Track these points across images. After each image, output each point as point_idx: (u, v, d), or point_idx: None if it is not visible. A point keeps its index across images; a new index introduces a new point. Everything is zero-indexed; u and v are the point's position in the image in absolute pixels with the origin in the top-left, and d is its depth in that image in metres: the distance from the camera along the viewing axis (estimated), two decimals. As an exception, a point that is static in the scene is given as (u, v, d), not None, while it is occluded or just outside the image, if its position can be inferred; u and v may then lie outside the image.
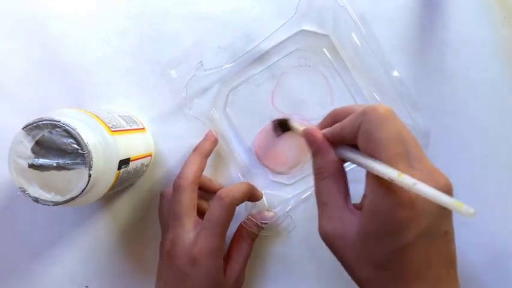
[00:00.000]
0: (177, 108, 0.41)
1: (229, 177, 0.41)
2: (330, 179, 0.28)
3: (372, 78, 0.39)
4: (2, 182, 0.40)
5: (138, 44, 0.41)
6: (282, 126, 0.37)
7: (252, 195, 0.38)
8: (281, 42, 0.40)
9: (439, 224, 0.25)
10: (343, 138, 0.28)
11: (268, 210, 0.39)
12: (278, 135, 0.38)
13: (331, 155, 0.28)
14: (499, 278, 0.40)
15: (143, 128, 0.39)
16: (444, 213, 0.25)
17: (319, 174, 0.28)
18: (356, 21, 0.36)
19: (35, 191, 0.29)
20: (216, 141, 0.39)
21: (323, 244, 0.40)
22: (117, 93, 0.41)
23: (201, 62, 0.38)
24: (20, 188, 0.29)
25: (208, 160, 0.39)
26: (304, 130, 0.30)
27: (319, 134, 0.29)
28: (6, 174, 0.29)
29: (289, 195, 0.40)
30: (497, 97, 0.40)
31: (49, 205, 0.29)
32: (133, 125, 0.37)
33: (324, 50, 0.40)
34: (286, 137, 0.40)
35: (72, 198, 0.29)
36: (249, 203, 0.39)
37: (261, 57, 0.40)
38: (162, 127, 0.41)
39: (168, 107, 0.41)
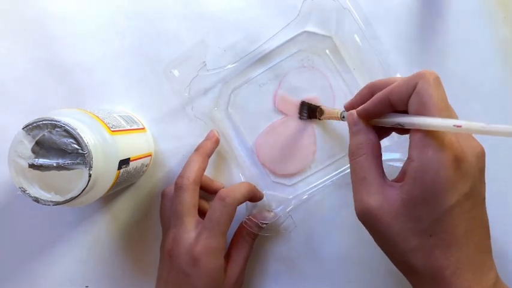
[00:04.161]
0: (177, 108, 0.41)
1: (231, 177, 0.41)
2: (369, 155, 0.28)
3: (374, 80, 0.39)
4: (2, 182, 0.40)
5: (138, 44, 0.41)
6: (309, 111, 0.39)
7: (253, 196, 0.38)
8: (284, 43, 0.40)
9: (480, 189, 0.26)
10: (386, 105, 0.28)
11: (268, 211, 0.39)
12: (302, 118, 0.40)
13: (372, 133, 0.29)
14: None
15: (143, 128, 0.39)
16: (483, 179, 0.26)
17: (358, 151, 0.29)
18: (359, 23, 0.36)
19: (35, 191, 0.29)
20: (217, 141, 0.39)
21: (323, 244, 0.40)
22: (117, 93, 0.41)
23: (204, 62, 0.38)
24: (20, 188, 0.29)
25: (209, 160, 0.39)
26: (348, 113, 0.30)
27: (358, 115, 0.30)
28: (6, 174, 0.29)
29: (290, 196, 0.40)
30: (497, 97, 0.40)
31: (49, 205, 0.29)
32: (134, 125, 0.37)
33: (327, 51, 0.40)
34: (287, 139, 0.40)
35: (72, 198, 0.29)
36: (249, 203, 0.39)
37: (263, 58, 0.40)
38: (162, 127, 0.41)
39: (168, 106, 0.41)
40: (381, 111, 0.28)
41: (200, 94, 0.40)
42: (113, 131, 0.32)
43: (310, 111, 0.39)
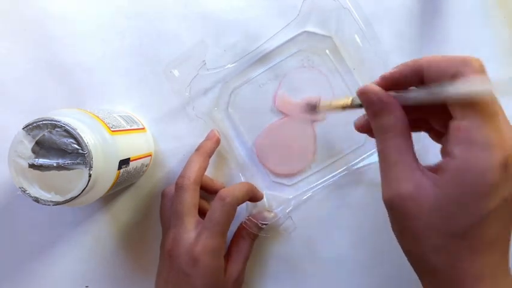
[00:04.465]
0: (177, 108, 0.41)
1: (231, 177, 0.41)
2: (399, 137, 0.25)
3: (374, 80, 0.39)
4: (2, 182, 0.40)
5: (138, 44, 0.41)
6: (310, 109, 0.36)
7: (253, 196, 0.38)
8: (284, 43, 0.40)
9: None
10: (417, 76, 0.25)
11: (268, 211, 0.39)
12: (312, 113, 0.36)
13: (399, 110, 0.25)
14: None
15: (143, 128, 0.39)
16: None
17: (386, 133, 0.25)
18: (359, 23, 0.36)
19: (35, 191, 0.29)
20: (218, 141, 0.39)
21: (323, 244, 0.40)
22: (117, 93, 0.41)
23: (204, 61, 0.38)
24: (20, 188, 0.29)
25: (209, 160, 0.39)
26: (360, 90, 0.26)
27: (379, 89, 0.25)
28: (6, 174, 0.29)
29: (290, 196, 0.40)
30: (497, 97, 0.40)
31: (49, 205, 0.29)
32: (134, 125, 0.37)
33: (327, 51, 0.40)
34: (287, 139, 0.40)
35: (72, 198, 0.29)
36: (249, 203, 0.39)
37: (263, 58, 0.40)
38: (162, 127, 0.41)
39: (168, 106, 0.41)
40: (408, 83, 0.25)
41: (200, 94, 0.40)
42: (113, 131, 0.32)
43: (309, 109, 0.38)
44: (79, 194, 0.29)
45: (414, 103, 0.25)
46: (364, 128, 0.28)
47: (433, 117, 0.27)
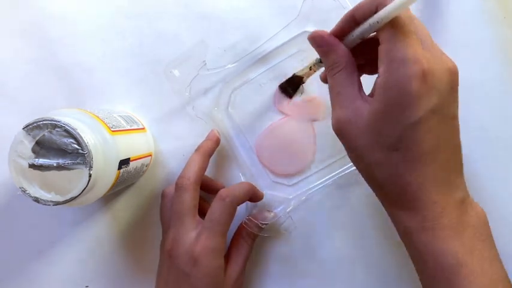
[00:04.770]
0: (177, 108, 0.41)
1: (231, 177, 0.41)
2: (343, 71, 0.28)
3: (374, 80, 0.39)
4: (2, 182, 0.40)
5: (138, 44, 0.41)
6: (290, 85, 0.39)
7: (253, 196, 0.38)
8: (284, 44, 0.40)
9: (449, 105, 0.26)
10: (351, 23, 0.28)
11: (268, 211, 0.39)
12: (291, 97, 0.40)
13: (342, 48, 0.29)
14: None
15: (143, 128, 0.39)
16: (454, 96, 0.27)
17: (333, 69, 0.29)
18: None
19: (35, 191, 0.29)
20: (218, 141, 0.39)
21: (323, 244, 0.40)
22: (117, 93, 0.41)
23: (204, 61, 0.38)
24: (20, 188, 0.29)
25: (210, 160, 0.39)
26: (310, 35, 0.30)
27: (325, 32, 0.29)
28: (6, 174, 0.29)
29: (290, 196, 0.40)
30: (497, 97, 0.40)
31: (49, 205, 0.29)
32: (134, 125, 0.37)
33: (326, 51, 0.40)
34: (287, 139, 0.40)
35: (72, 198, 0.29)
36: (249, 203, 0.39)
37: (263, 58, 0.40)
38: (163, 127, 0.41)
39: (169, 106, 0.41)
40: (347, 29, 0.29)
41: (200, 94, 0.40)
42: (113, 131, 0.32)
43: (292, 84, 0.39)
44: (79, 194, 0.29)
45: (355, 41, 0.29)
46: (326, 78, 0.31)
47: (372, 54, 0.30)
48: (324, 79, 0.33)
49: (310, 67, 0.36)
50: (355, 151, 0.28)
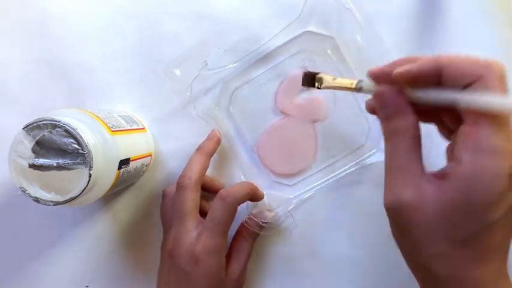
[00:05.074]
0: (177, 108, 0.41)
1: (231, 176, 0.41)
2: (409, 141, 0.25)
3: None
4: (2, 182, 0.40)
5: (138, 44, 0.41)
6: (309, 80, 0.34)
7: (254, 195, 0.38)
8: (285, 43, 0.40)
9: None
10: (435, 76, 0.24)
11: (269, 210, 0.39)
12: (302, 88, 0.35)
13: (412, 115, 0.25)
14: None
15: (143, 128, 0.39)
16: None
17: (395, 137, 0.25)
18: (361, 23, 0.36)
19: (35, 191, 0.29)
20: (219, 141, 0.39)
21: (323, 244, 0.40)
22: (117, 93, 0.41)
23: (205, 61, 0.38)
24: (20, 188, 0.29)
25: (210, 159, 0.39)
26: (376, 92, 0.26)
27: (394, 91, 0.25)
28: (6, 174, 0.29)
29: (290, 195, 0.40)
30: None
31: (49, 205, 0.29)
32: (134, 125, 0.37)
33: (328, 51, 0.40)
34: (288, 139, 0.40)
35: (72, 198, 0.29)
36: (250, 202, 0.39)
37: (265, 58, 0.40)
38: (163, 127, 0.41)
39: (169, 106, 0.41)
40: (425, 80, 0.24)
41: (201, 94, 0.40)
42: (113, 131, 0.32)
43: (308, 80, 0.35)
44: (79, 194, 0.29)
45: (427, 103, 0.24)
46: (375, 111, 0.27)
47: (445, 112, 0.27)
48: (372, 111, 0.28)
49: (360, 88, 0.28)
50: (412, 238, 0.24)
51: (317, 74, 0.33)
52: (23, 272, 0.41)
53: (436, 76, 0.23)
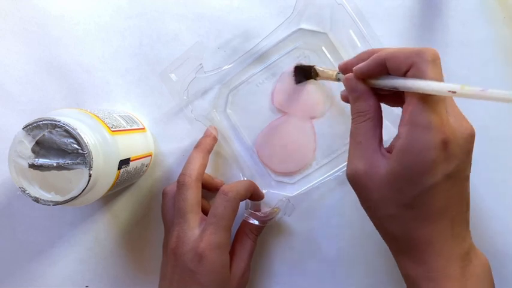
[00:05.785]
0: (177, 108, 0.41)
1: (232, 177, 0.41)
2: (369, 122, 0.29)
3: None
4: (2, 182, 0.40)
5: (138, 44, 0.41)
6: (304, 73, 0.39)
7: (254, 193, 0.38)
8: (280, 41, 0.40)
9: (464, 169, 0.28)
10: (382, 68, 0.28)
11: (269, 206, 0.39)
12: (297, 83, 0.40)
13: (374, 100, 0.29)
14: (499, 280, 0.39)
15: (143, 128, 0.39)
16: (469, 159, 0.28)
17: (359, 117, 0.29)
18: (354, 19, 0.36)
19: (35, 191, 0.29)
20: (215, 138, 0.39)
21: (324, 242, 0.40)
22: (117, 93, 0.41)
23: (201, 64, 0.38)
24: (20, 188, 0.29)
25: (210, 161, 0.39)
26: (345, 78, 0.30)
27: (359, 80, 0.30)
28: (6, 174, 0.29)
29: (291, 194, 0.40)
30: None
31: (49, 205, 0.29)
32: (134, 125, 0.37)
33: (323, 48, 0.40)
34: (287, 137, 0.40)
35: (72, 198, 0.29)
36: (250, 202, 0.39)
37: (260, 57, 0.40)
38: (162, 127, 0.41)
39: (168, 107, 0.41)
40: (376, 73, 0.29)
41: (198, 96, 0.40)
42: (113, 131, 0.32)
43: (305, 73, 0.39)
44: (79, 194, 0.29)
45: (383, 89, 0.29)
46: (347, 99, 0.32)
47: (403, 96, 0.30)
48: (345, 99, 0.33)
49: (339, 79, 0.35)
50: (369, 203, 0.29)
51: (308, 67, 0.38)
52: (23, 272, 0.41)
53: (383, 68, 0.28)
